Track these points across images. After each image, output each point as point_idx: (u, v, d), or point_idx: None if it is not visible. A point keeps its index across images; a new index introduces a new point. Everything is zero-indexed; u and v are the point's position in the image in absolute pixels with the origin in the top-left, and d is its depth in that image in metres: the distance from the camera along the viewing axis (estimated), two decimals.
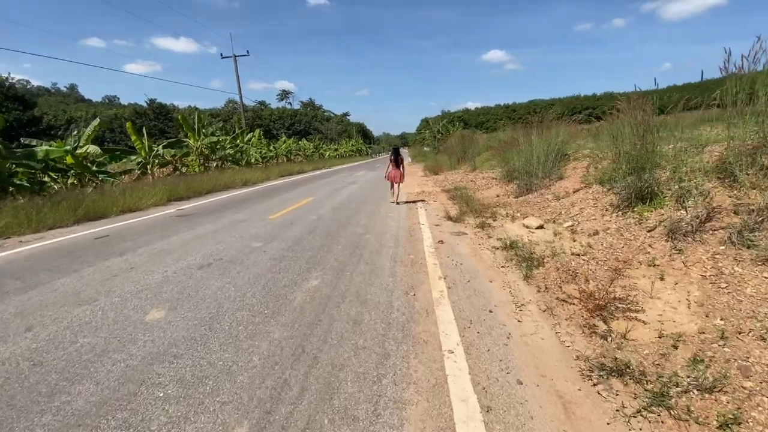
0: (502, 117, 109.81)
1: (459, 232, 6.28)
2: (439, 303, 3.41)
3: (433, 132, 34.88)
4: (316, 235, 5.90)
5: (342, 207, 8.77)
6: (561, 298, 3.64)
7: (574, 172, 9.43)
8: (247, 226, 6.62)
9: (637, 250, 4.87)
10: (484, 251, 5.24)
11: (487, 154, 19.37)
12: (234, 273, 4.15)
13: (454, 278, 4.07)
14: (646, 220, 5.49)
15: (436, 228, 6.55)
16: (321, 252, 4.96)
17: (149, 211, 8.91)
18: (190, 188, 11.31)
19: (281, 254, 4.84)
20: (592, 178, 8.13)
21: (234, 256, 4.79)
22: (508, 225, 7.02)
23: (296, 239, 5.61)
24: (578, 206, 7.32)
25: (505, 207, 8.70)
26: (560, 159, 10.19)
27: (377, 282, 3.89)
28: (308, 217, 7.38)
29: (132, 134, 15.24)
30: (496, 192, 10.86)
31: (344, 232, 6.15)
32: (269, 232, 6.04)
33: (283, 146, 29.05)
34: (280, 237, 5.73)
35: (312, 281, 3.91)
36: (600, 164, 8.69)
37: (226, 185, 13.50)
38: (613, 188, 7.20)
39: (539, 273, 4.26)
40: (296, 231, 6.15)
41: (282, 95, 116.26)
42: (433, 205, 9.09)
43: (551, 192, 8.85)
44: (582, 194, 7.77)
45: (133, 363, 2.47)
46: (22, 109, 50.97)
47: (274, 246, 5.23)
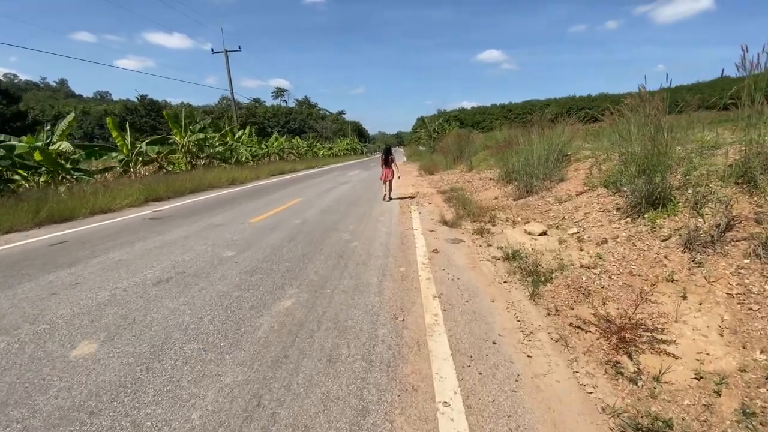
0: (498, 116, 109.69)
1: (455, 239, 5.74)
2: (432, 331, 2.86)
3: (429, 131, 34.35)
4: (298, 242, 5.32)
5: (330, 209, 8.19)
6: (575, 323, 3.10)
7: (576, 173, 8.93)
8: (223, 231, 6.02)
9: (652, 263, 4.36)
10: (483, 262, 4.70)
11: (484, 154, 18.87)
12: (195, 291, 3.57)
13: (451, 297, 3.52)
14: (660, 228, 4.99)
15: (430, 234, 6.00)
16: (301, 263, 4.39)
17: (123, 212, 8.28)
18: (171, 188, 10.66)
19: (254, 266, 4.26)
20: (596, 180, 7.63)
21: (200, 268, 4.20)
22: (509, 231, 6.50)
23: (275, 247, 5.02)
24: (583, 210, 6.81)
25: (505, 210, 8.18)
26: (560, 160, 9.70)
27: (361, 302, 3.33)
28: (292, 221, 6.80)
29: (113, 130, 14.54)
30: (494, 194, 10.34)
31: (330, 238, 5.58)
32: (246, 239, 5.45)
33: (275, 144, 28.30)
34: (258, 245, 5.15)
35: (285, 301, 3.34)
36: (604, 166, 8.21)
37: (211, 185, 12.85)
38: (619, 192, 6.70)
39: (547, 290, 3.73)
40: (276, 237, 5.57)
41: (277, 93, 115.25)
42: (427, 208, 8.54)
43: (552, 195, 8.34)
44: (586, 198, 7.26)
45: (31, 425, 1.89)
46: (6, 104, 49.73)
47: (248, 256, 4.64)
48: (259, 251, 4.83)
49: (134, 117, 71.62)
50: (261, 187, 13.54)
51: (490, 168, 15.09)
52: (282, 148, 30.00)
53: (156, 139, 16.33)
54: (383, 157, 9.77)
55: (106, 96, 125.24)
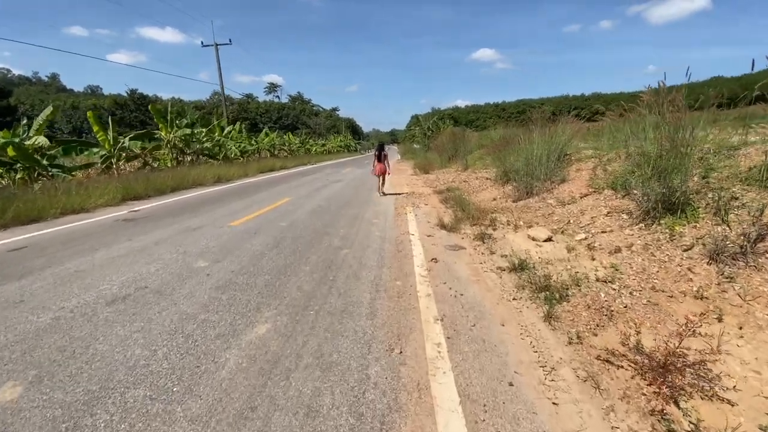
0: (491, 115, 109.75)
1: (455, 246, 5.25)
2: (436, 368, 2.36)
3: (424, 129, 33.88)
4: (282, 249, 4.79)
5: (321, 210, 7.65)
6: (603, 356, 2.62)
7: (578, 174, 8.48)
8: (200, 235, 5.46)
9: (676, 277, 3.92)
10: (487, 273, 4.22)
11: (479, 153, 18.43)
12: (154, 312, 3.03)
13: (455, 320, 3.03)
14: (680, 236, 4.55)
15: (428, 240, 5.51)
16: (282, 276, 3.86)
17: (97, 212, 7.66)
18: (152, 185, 10.02)
19: (228, 280, 3.72)
20: (602, 181, 7.19)
21: (165, 282, 3.65)
22: (511, 236, 6.03)
23: (255, 256, 4.48)
24: (588, 214, 6.37)
25: (505, 213, 7.72)
26: (561, 159, 9.27)
27: (350, 328, 2.82)
28: (278, 224, 6.25)
29: (94, 125, 13.80)
30: (492, 194, 9.88)
31: (318, 245, 5.06)
32: (224, 246, 4.90)
33: (266, 140, 27.54)
34: (236, 253, 4.60)
35: (259, 327, 2.81)
36: (609, 166, 7.77)
37: (196, 182, 12.21)
38: (629, 194, 6.27)
39: (564, 311, 3.25)
40: (258, 243, 5.03)
41: (270, 88, 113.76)
42: (423, 209, 8.05)
43: (554, 196, 7.89)
44: (592, 200, 6.81)
45: None
46: None
47: (222, 267, 4.10)
48: (237, 261, 4.29)
49: (124, 112, 70.10)
50: (248, 185, 12.92)
51: (487, 167, 14.64)
52: (273, 144, 29.24)
53: (140, 134, 15.60)
54: (376, 153, 10.45)
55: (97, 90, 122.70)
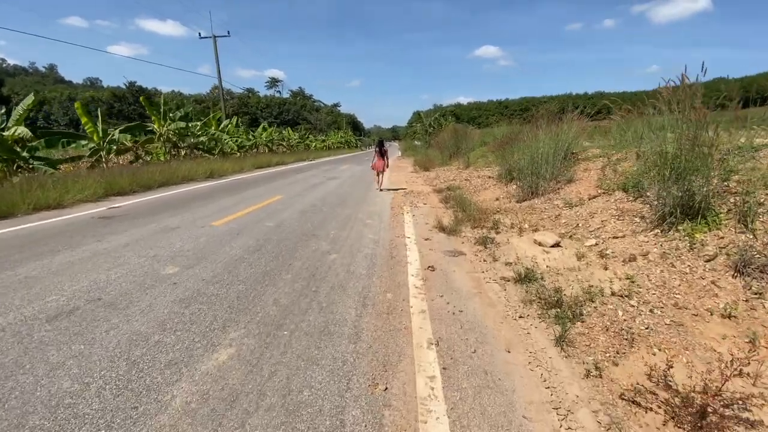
0: (494, 113, 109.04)
1: (455, 251, 4.81)
2: (428, 411, 1.92)
3: (425, 125, 33.37)
4: (264, 254, 4.35)
5: (312, 210, 7.20)
6: (628, 395, 2.18)
7: (586, 174, 8.04)
8: (176, 236, 5.02)
9: (700, 292, 3.49)
10: (490, 284, 3.78)
11: (481, 150, 17.97)
12: (100, 332, 2.59)
13: (453, 344, 2.59)
14: (701, 245, 4.12)
15: (425, 244, 5.07)
16: (259, 287, 3.42)
17: (74, 208, 7.22)
18: (138, 180, 9.57)
19: (196, 290, 3.28)
20: (612, 182, 6.74)
21: (123, 293, 3.21)
22: (516, 240, 5.59)
23: (232, 262, 4.04)
24: (598, 218, 5.93)
25: (508, 214, 7.28)
26: (567, 158, 8.83)
27: (329, 354, 2.38)
28: (264, 224, 5.81)
29: (82, 116, 13.33)
30: (494, 194, 9.43)
31: (304, 249, 4.61)
32: (199, 249, 4.46)
33: (264, 135, 27.01)
34: (211, 257, 4.16)
35: (220, 352, 2.38)
36: (619, 166, 7.32)
37: (186, 177, 11.74)
38: (642, 197, 5.82)
39: (578, 333, 2.81)
40: (238, 247, 4.59)
41: (271, 83, 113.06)
42: (422, 209, 7.60)
43: (560, 197, 7.44)
44: (601, 202, 6.37)
45: None
46: None
47: (193, 274, 3.66)
48: (210, 267, 3.85)
49: (122, 105, 69.52)
50: (241, 181, 12.46)
51: (489, 165, 14.18)
52: (271, 139, 28.73)
53: (131, 126, 15.11)
54: (376, 150, 10.67)
55: (97, 83, 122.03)
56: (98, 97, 68.96)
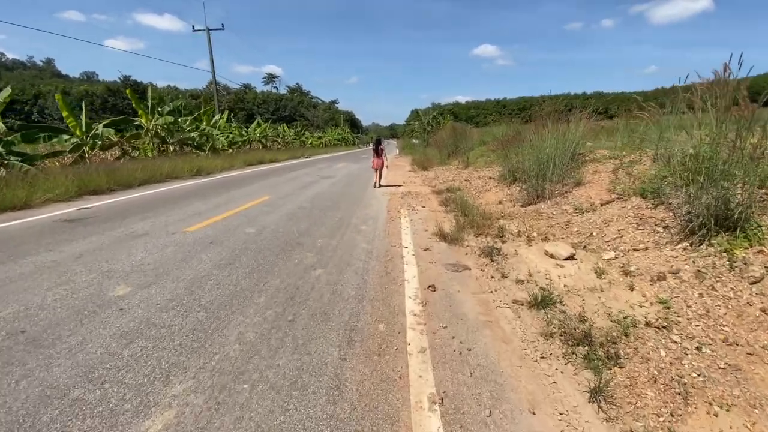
0: (492, 112, 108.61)
1: (458, 265, 4.23)
2: None
3: (423, 124, 32.76)
4: (237, 268, 3.75)
5: (300, 213, 6.60)
6: None
7: (596, 177, 7.48)
8: (139, 246, 4.40)
9: (753, 324, 2.95)
10: (501, 309, 3.21)
11: (481, 150, 17.42)
12: (8, 382, 1.98)
13: (461, 403, 2.01)
14: (744, 263, 3.57)
15: (425, 255, 4.49)
16: (224, 314, 2.82)
17: (42, 209, 6.58)
18: (117, 178, 8.91)
19: (145, 320, 2.68)
20: (628, 187, 6.19)
21: (55, 321, 2.60)
22: (525, 251, 5.03)
23: (197, 280, 3.44)
24: (615, 226, 5.39)
25: (514, 219, 6.72)
26: (574, 159, 8.29)
27: (296, 419, 1.80)
28: (244, 231, 5.20)
29: (63, 109, 12.63)
30: (497, 196, 8.86)
31: (285, 262, 4.02)
32: (163, 262, 3.85)
33: (257, 131, 26.26)
34: (174, 273, 3.55)
35: (155, 418, 1.78)
36: (632, 169, 6.77)
37: (171, 175, 11.07)
38: (663, 204, 5.27)
39: (619, 384, 2.24)
40: (208, 259, 3.98)
41: (268, 79, 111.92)
42: (420, 213, 7.02)
43: (569, 202, 6.89)
44: (616, 209, 5.82)
45: None
46: None
47: (147, 296, 3.06)
48: (169, 287, 3.24)
49: (116, 99, 68.36)
50: (229, 179, 11.80)
51: (489, 165, 13.62)
52: (265, 135, 28.00)
53: (116, 120, 14.40)
54: (374, 147, 10.80)
55: (93, 77, 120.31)
56: (92, 91, 67.81)
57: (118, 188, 8.75)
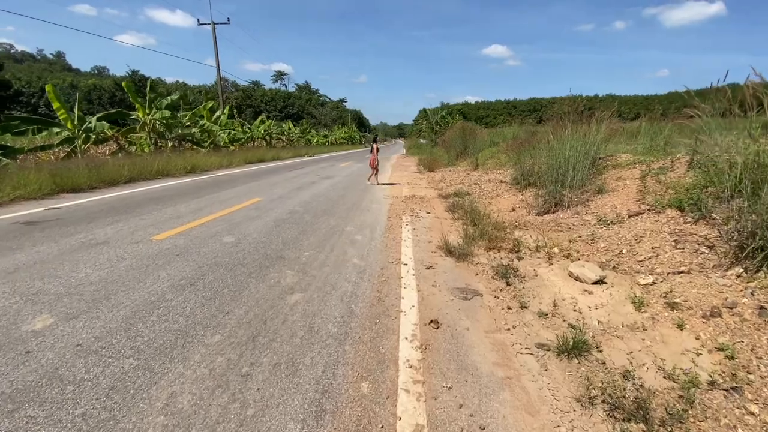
0: (501, 112, 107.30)
1: (467, 290, 3.52)
2: None
3: (431, 123, 32.01)
4: (197, 291, 3.08)
5: (290, 219, 5.92)
6: None
7: (620, 184, 6.73)
8: (90, 258, 3.75)
9: None
10: (522, 357, 2.50)
11: (491, 151, 16.67)
12: None
13: None
14: None
15: (427, 275, 3.79)
16: (158, 363, 2.15)
17: (7, 208, 5.99)
18: (101, 175, 8.31)
19: (52, 371, 2.02)
20: (660, 197, 5.44)
21: None
22: (545, 271, 4.32)
23: (142, 307, 2.77)
24: (647, 242, 4.66)
25: (529, 230, 6.01)
26: (595, 164, 7.55)
27: None
28: (220, 240, 4.54)
29: (53, 101, 12.11)
30: (509, 202, 8.13)
31: (259, 283, 3.34)
32: (110, 281, 3.19)
33: (261, 128, 25.64)
34: (117, 297, 2.90)
35: None
36: (664, 176, 6.02)
37: (162, 172, 10.47)
38: (706, 219, 4.52)
39: None
40: (166, 278, 3.32)
41: (276, 76, 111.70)
42: (425, 221, 6.32)
43: (592, 212, 6.16)
44: (648, 222, 5.08)
45: None
46: None
47: (69, 332, 2.40)
48: (104, 317, 2.58)
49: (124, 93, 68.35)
50: (223, 178, 11.16)
51: (500, 168, 12.88)
52: (269, 132, 27.41)
53: (111, 113, 13.88)
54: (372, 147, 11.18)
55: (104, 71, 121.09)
56: (101, 85, 67.90)
57: (100, 186, 8.16)
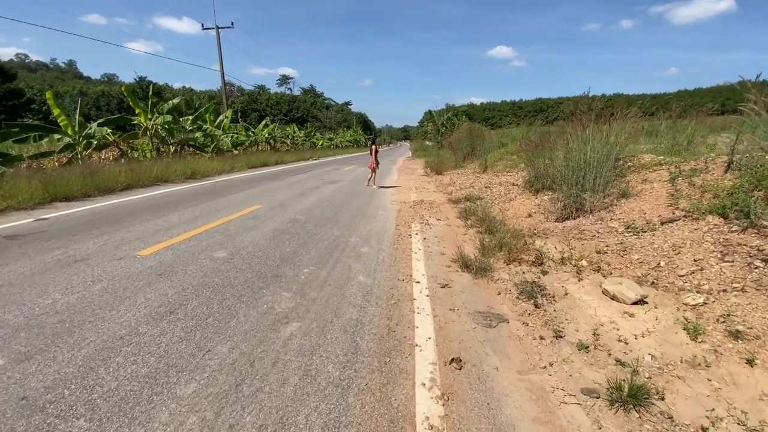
0: (507, 113, 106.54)
1: (491, 315, 3.04)
2: None
3: (437, 125, 31.54)
4: (176, 321, 2.64)
5: (291, 229, 5.48)
6: None
7: (647, 187, 6.20)
8: (63, 279, 3.34)
9: None
10: (567, 409, 2.02)
11: (499, 152, 16.14)
12: None
13: None
14: None
15: (443, 296, 3.31)
16: (116, 425, 1.72)
17: None
18: (95, 182, 7.95)
19: None
20: (698, 202, 4.93)
21: None
22: (575, 288, 3.83)
23: (107, 345, 2.34)
24: (688, 254, 4.15)
25: (550, 238, 5.52)
26: (616, 165, 7.04)
27: None
28: (212, 255, 4.10)
29: (54, 107, 11.85)
30: (525, 207, 7.62)
31: (249, 310, 2.90)
32: (80, 308, 2.77)
33: (265, 131, 25.30)
34: (82, 330, 2.46)
35: None
36: (697, 178, 5.50)
37: (161, 178, 10.11)
38: (758, 228, 4.02)
39: None
40: (144, 305, 2.88)
41: (282, 80, 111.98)
42: (436, 229, 5.84)
43: (617, 218, 5.66)
44: (686, 230, 4.56)
45: None
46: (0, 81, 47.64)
47: (17, 379, 1.97)
48: (61, 358, 2.15)
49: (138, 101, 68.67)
50: (223, 184, 10.77)
51: (510, 170, 12.35)
52: (273, 136, 27.10)
53: (111, 119, 13.61)
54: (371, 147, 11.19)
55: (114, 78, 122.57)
56: (109, 91, 68.51)
57: (95, 193, 7.80)
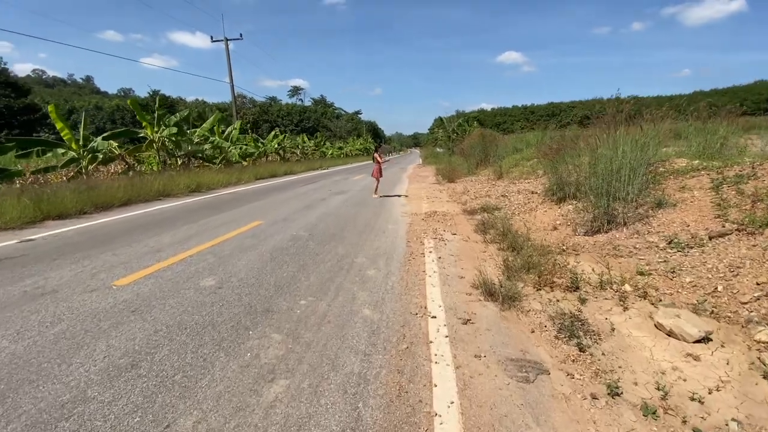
0: (519, 118, 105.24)
1: (525, 364, 2.45)
2: None
3: (448, 131, 31.01)
4: (137, 379, 2.13)
5: (291, 249, 4.97)
6: None
7: (687, 195, 5.55)
8: (18, 319, 2.87)
9: None
10: None
11: (515, 158, 15.50)
12: None
13: None
14: None
15: (466, 335, 2.73)
16: None
17: None
18: (91, 198, 7.61)
19: None
20: (752, 213, 4.29)
21: None
22: (620, 320, 3.21)
23: (47, 416, 1.83)
24: (749, 275, 3.53)
25: (580, 254, 4.91)
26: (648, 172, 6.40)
27: None
28: (196, 284, 3.60)
29: (57, 121, 11.69)
30: (548, 217, 6.98)
31: (229, 360, 2.37)
32: (24, 361, 2.28)
33: (274, 142, 25.08)
34: (17, 398, 1.96)
35: None
36: (745, 185, 4.87)
37: (163, 192, 9.76)
38: None
39: None
40: (103, 354, 2.38)
41: (293, 91, 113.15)
42: (452, 245, 5.26)
43: (655, 230, 5.03)
44: (743, 246, 3.94)
45: None
46: (15, 96, 48.92)
47: None
48: None
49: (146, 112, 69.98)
50: (226, 197, 10.35)
51: (527, 177, 11.70)
52: (282, 146, 26.89)
53: (116, 132, 13.44)
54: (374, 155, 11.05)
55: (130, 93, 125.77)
56: (123, 105, 70.02)
57: (91, 210, 7.44)
